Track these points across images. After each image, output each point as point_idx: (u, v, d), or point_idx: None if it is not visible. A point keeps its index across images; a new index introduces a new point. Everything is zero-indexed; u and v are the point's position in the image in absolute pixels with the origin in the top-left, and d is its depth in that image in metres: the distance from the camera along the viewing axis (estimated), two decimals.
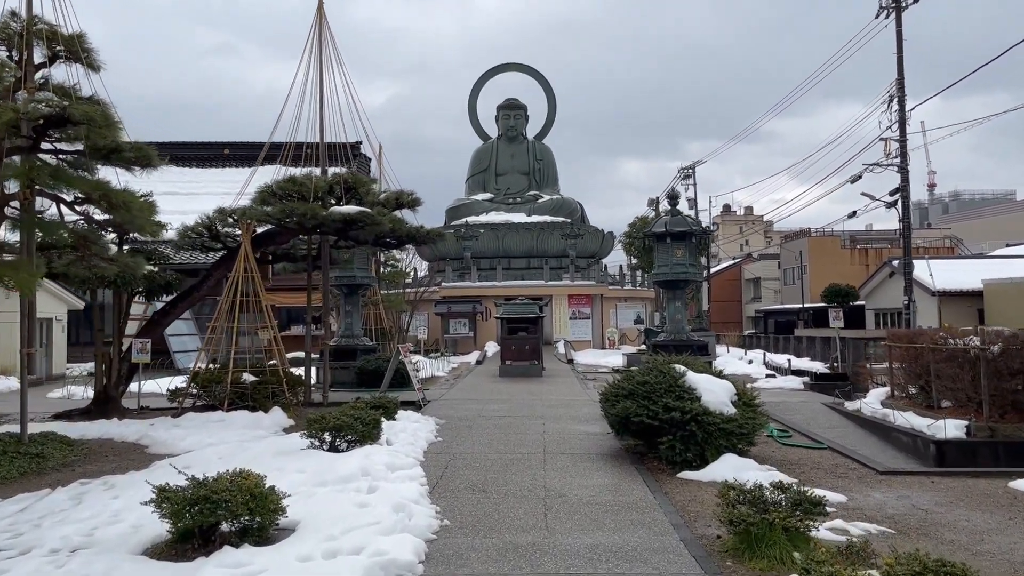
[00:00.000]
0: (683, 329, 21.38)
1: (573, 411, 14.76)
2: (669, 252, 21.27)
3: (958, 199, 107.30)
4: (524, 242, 42.51)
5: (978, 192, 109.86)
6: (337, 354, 20.64)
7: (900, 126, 30.04)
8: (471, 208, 45.92)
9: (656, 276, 21.52)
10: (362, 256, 20.89)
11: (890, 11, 30.46)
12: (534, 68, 50.58)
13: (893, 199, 30.97)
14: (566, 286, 39.69)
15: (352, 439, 10.02)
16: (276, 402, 14.21)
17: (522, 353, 23.62)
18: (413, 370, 16.20)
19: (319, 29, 17.05)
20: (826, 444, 11.39)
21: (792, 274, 62.90)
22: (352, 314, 21.21)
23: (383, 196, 16.15)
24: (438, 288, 38.61)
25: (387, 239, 16.24)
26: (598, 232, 44.66)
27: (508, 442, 11.20)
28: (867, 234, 72.41)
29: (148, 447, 11.59)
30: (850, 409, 15.20)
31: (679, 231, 21.06)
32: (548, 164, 49.32)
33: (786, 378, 20.89)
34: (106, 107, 10.43)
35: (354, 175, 15.80)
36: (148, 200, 10.85)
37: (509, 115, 49.02)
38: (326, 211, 14.59)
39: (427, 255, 44.78)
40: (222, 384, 14.00)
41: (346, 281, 20.73)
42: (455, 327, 36.79)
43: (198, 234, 15.67)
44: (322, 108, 16.80)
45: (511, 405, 15.75)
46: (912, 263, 29.59)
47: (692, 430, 9.38)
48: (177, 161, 43.26)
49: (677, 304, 21.62)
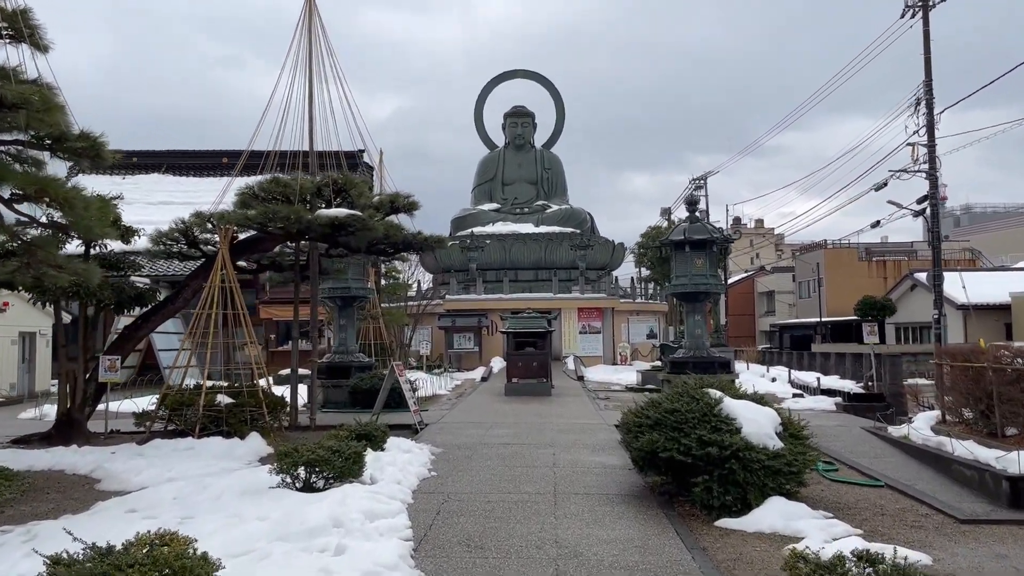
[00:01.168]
0: (703, 345, 19.83)
1: (586, 437, 13.22)
2: (688, 262, 19.75)
3: (970, 212, 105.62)
4: (532, 253, 41.02)
5: (989, 205, 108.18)
6: (330, 372, 19.17)
7: (928, 130, 28.49)
8: (477, 218, 44.48)
9: (674, 288, 19.99)
10: (358, 266, 19.46)
11: (916, 10, 29.04)
12: (541, 75, 49.32)
13: (921, 207, 29.43)
14: (576, 299, 38.15)
15: (330, 475, 8.54)
16: (254, 427, 12.74)
17: (529, 370, 22.09)
18: (409, 391, 14.70)
19: (308, 20, 15.68)
20: (883, 481, 9.80)
21: (808, 287, 61.14)
22: (346, 328, 19.74)
23: (377, 199, 14.72)
24: (442, 301, 37.14)
25: (381, 246, 14.79)
26: (608, 243, 43.14)
27: (513, 477, 9.67)
28: (883, 246, 70.79)
29: (100, 481, 10.11)
30: (895, 435, 13.60)
31: (699, 239, 19.55)
32: (556, 173, 47.90)
33: (816, 398, 19.29)
34: (47, 89, 9.01)
35: (345, 176, 14.38)
36: (97, 198, 9.41)
37: (516, 123, 47.65)
38: (312, 214, 13.15)
39: (431, 267, 43.35)
40: (194, 407, 12.53)
41: (340, 293, 19.28)
42: (459, 342, 35.28)
43: (173, 240, 14.25)
44: (311, 106, 15.41)
45: (517, 430, 14.21)
46: (942, 275, 27.96)
47: (732, 468, 7.84)
48: (175, 170, 42.07)
49: (697, 318, 20.08)
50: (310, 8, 15.63)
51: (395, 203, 14.65)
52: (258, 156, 16.46)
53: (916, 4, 28.79)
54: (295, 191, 13.76)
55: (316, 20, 15.60)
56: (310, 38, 15.57)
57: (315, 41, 15.48)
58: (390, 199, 14.64)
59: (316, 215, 13.17)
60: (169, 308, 14.38)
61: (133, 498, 8.74)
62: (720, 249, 20.13)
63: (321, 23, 15.86)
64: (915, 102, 29.16)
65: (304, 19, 15.61)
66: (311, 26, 15.60)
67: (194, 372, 19.65)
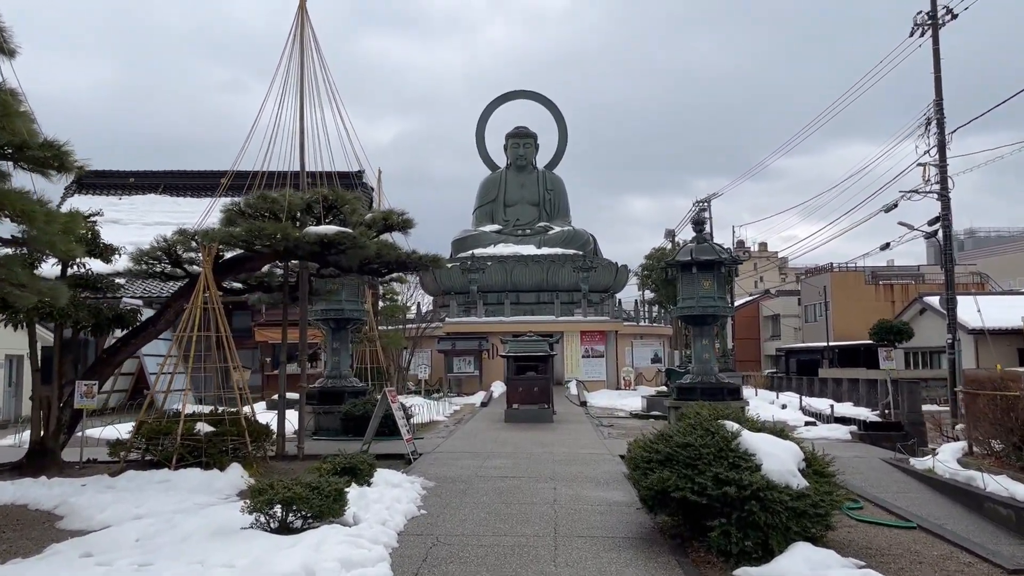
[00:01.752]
0: (712, 370, 19.01)
1: (590, 469, 12.41)
2: (695, 283, 18.99)
3: (973, 236, 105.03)
4: (534, 275, 40.28)
5: (993, 229, 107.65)
6: (322, 397, 18.39)
7: (939, 150, 27.78)
8: (478, 240, 43.78)
9: (681, 310, 19.22)
10: (352, 287, 18.74)
11: (925, 29, 28.51)
12: (543, 95, 48.82)
13: (933, 228, 28.71)
14: (578, 322, 37.37)
15: (308, 514, 7.77)
16: (236, 457, 11.95)
17: (530, 395, 21.29)
18: (402, 418, 13.92)
19: (300, 31, 15.09)
20: (915, 522, 8.99)
21: (814, 311, 60.28)
22: (340, 352, 18.97)
23: (369, 217, 14.02)
24: (441, 324, 36.37)
25: (374, 265, 14.07)
26: (612, 265, 42.41)
27: (510, 516, 8.86)
28: (889, 270, 70.00)
29: (62, 518, 9.32)
30: (919, 468, 12.77)
31: (706, 260, 18.80)
32: (559, 194, 47.27)
33: (829, 426, 18.45)
34: (9, 95, 8.34)
35: (336, 192, 13.69)
36: (65, 212, 8.71)
37: (518, 144, 47.08)
38: (300, 232, 12.45)
39: (431, 289, 42.64)
40: (171, 436, 11.76)
41: (333, 315, 18.54)
42: (459, 366, 34.45)
43: (155, 259, 13.54)
44: (302, 118, 14.78)
45: (516, 460, 13.40)
46: (956, 299, 27.15)
47: (752, 510, 7.05)
48: (173, 191, 41.49)
49: (704, 342, 19.28)
50: (302, 19, 15.05)
51: (388, 220, 13.95)
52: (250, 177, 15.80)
53: (925, 23, 28.26)
54: (283, 208, 13.08)
55: (308, 31, 15.02)
56: (301, 49, 14.97)
57: (307, 52, 14.88)
58: (383, 216, 13.94)
59: (304, 232, 12.47)
60: (150, 330, 13.65)
61: (92, 539, 7.96)
62: (728, 270, 19.38)
63: (313, 34, 15.28)
64: (925, 122, 28.54)
65: (296, 29, 15.02)
66: (302, 36, 15.01)
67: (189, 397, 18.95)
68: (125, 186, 40.84)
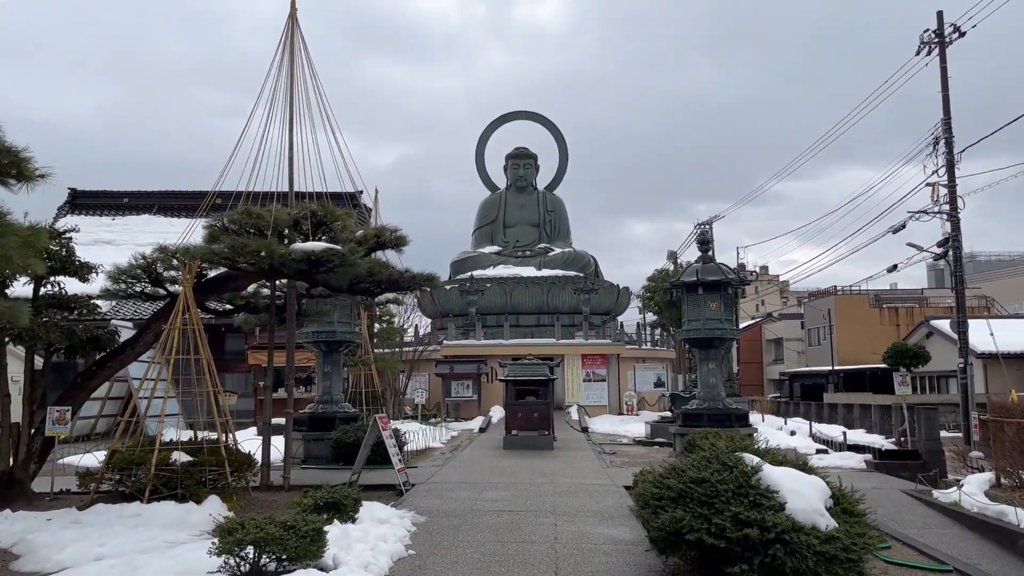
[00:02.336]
0: (719, 395, 18.26)
1: (593, 502, 11.62)
2: (701, 305, 18.30)
3: (974, 260, 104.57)
4: (534, 297, 39.57)
5: (993, 254, 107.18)
6: (312, 423, 17.62)
7: (948, 169, 27.17)
8: (477, 261, 43.12)
9: (686, 333, 18.50)
10: (344, 308, 18.02)
11: (932, 47, 28.04)
12: (544, 116, 48.40)
13: (943, 250, 28.04)
14: (579, 345, 36.60)
15: (283, 556, 7.01)
16: (214, 489, 11.18)
17: (530, 421, 20.49)
18: (394, 446, 13.14)
19: (290, 39, 14.51)
20: (951, 565, 8.21)
21: (817, 334, 59.46)
22: (331, 376, 18.22)
23: (360, 233, 13.34)
24: (439, 347, 35.60)
25: (364, 285, 13.36)
26: (613, 287, 41.70)
27: (507, 558, 8.09)
28: (892, 293, 69.19)
29: (19, 558, 8.55)
30: (944, 501, 11.99)
31: (713, 280, 18.12)
32: (559, 215, 46.66)
33: (842, 455, 17.64)
34: None
35: (325, 208, 13.02)
36: (20, 225, 8.03)
37: (519, 164, 46.56)
38: (286, 248, 11.76)
39: (429, 311, 41.93)
40: (145, 466, 10.99)
41: (324, 337, 17.81)
42: (457, 390, 33.62)
43: (134, 278, 12.84)
44: (291, 129, 14.16)
45: (514, 492, 12.62)
46: (967, 322, 26.39)
47: (777, 555, 6.29)
48: (167, 211, 40.82)
49: (711, 366, 18.54)
50: (292, 28, 14.48)
51: (380, 238, 13.27)
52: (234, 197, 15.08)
53: (932, 41, 27.80)
54: (269, 224, 12.40)
55: (298, 40, 14.44)
56: (291, 60, 14.38)
57: (297, 63, 14.29)
58: (375, 233, 13.26)
59: (290, 249, 11.79)
60: (128, 353, 12.92)
61: None
62: (735, 292, 18.68)
63: (304, 45, 14.69)
64: (933, 142, 27.99)
65: (285, 39, 14.44)
66: (292, 46, 14.42)
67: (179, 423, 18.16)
68: (119, 206, 40.28)
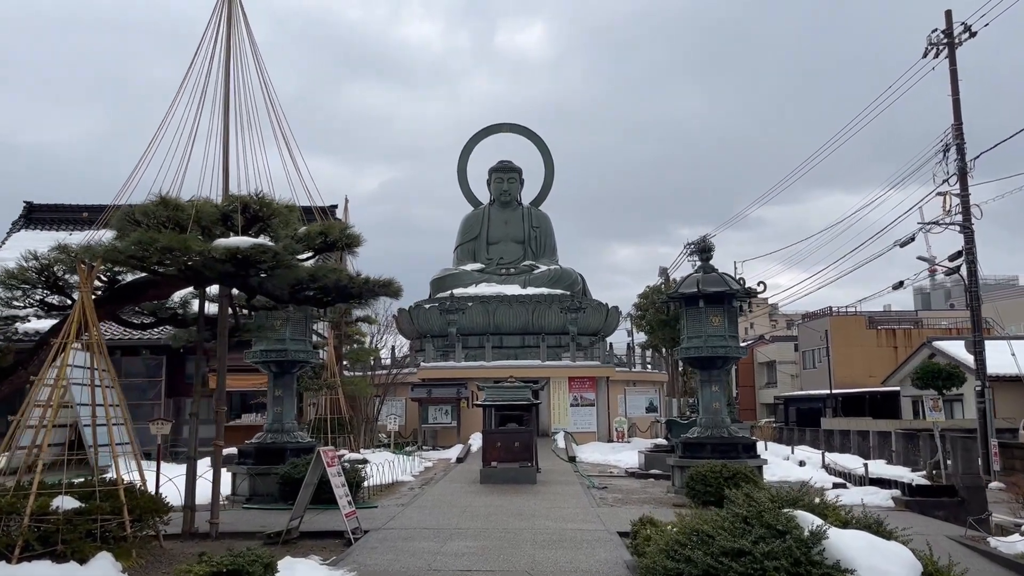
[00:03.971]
0: (723, 422, 16.16)
1: (582, 556, 9.42)
2: (701, 320, 16.25)
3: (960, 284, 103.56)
4: (518, 317, 37.39)
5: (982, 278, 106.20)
6: (259, 455, 15.36)
7: (960, 178, 25.36)
8: (459, 279, 40.94)
9: (686, 351, 16.42)
10: (299, 324, 15.83)
11: (940, 48, 26.38)
12: (529, 128, 46.46)
13: (955, 264, 26.17)
14: (566, 367, 34.37)
15: None
16: (107, 543, 8.92)
17: (511, 451, 18.24)
18: (341, 485, 10.91)
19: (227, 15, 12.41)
20: None
21: (812, 357, 57.51)
22: (283, 400, 15.96)
23: (303, 230, 11.19)
24: (416, 369, 33.33)
25: (308, 292, 11.19)
26: (602, 307, 39.58)
27: None
28: (887, 315, 67.54)
29: None
30: (1007, 553, 9.88)
31: (715, 292, 16.09)
32: (545, 232, 44.59)
33: (864, 490, 15.50)
34: None
35: (262, 200, 10.86)
36: None
37: (503, 178, 44.51)
38: (204, 244, 9.60)
39: (408, 331, 39.70)
40: (17, 516, 8.72)
41: (275, 357, 15.57)
42: (435, 415, 31.28)
43: (29, 283, 10.62)
44: (227, 116, 12.05)
45: (486, 541, 10.40)
46: (983, 342, 24.43)
47: None
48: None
49: (714, 388, 16.45)
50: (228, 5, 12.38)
51: (327, 236, 11.13)
52: None
53: (941, 42, 26.15)
54: (190, 216, 10.25)
55: (237, 10, 12.35)
56: (228, 40, 12.29)
57: (236, 34, 12.20)
58: (320, 230, 11.10)
59: (212, 246, 9.63)
60: (20, 374, 10.66)
61: None
62: (740, 305, 16.64)
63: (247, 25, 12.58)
64: (943, 148, 26.22)
65: (220, 12, 12.34)
66: (230, 22, 12.33)
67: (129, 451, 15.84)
68: (78, 220, 37.91)
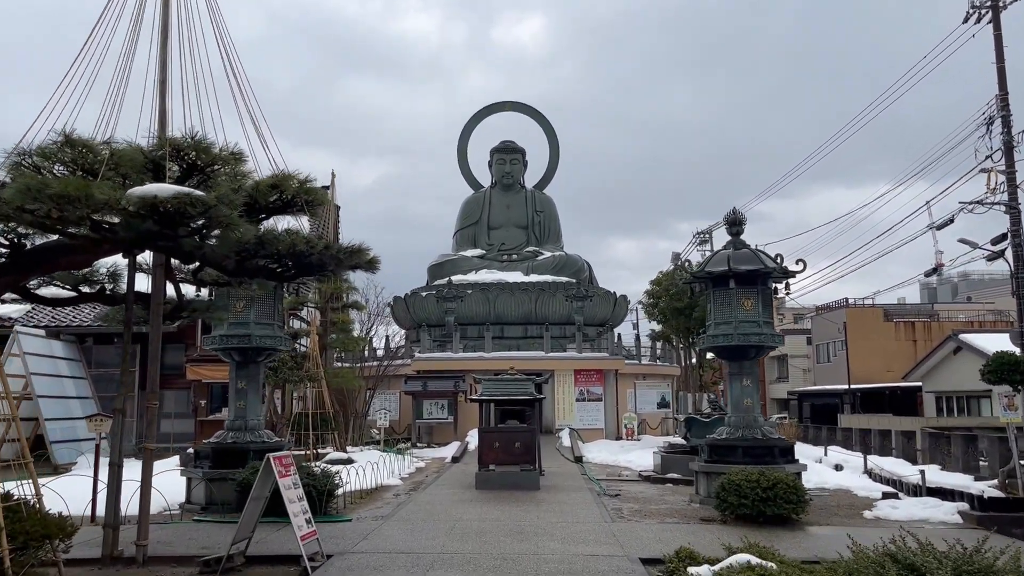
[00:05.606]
0: (755, 421, 14.00)
1: None
2: (732, 303, 14.06)
3: (967, 279, 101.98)
4: (521, 305, 35.21)
5: (987, 273, 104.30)
6: (217, 457, 13.22)
7: (1006, 152, 23.05)
8: (457, 265, 38.75)
9: (712, 340, 14.23)
10: (266, 305, 13.65)
11: (983, 12, 24.12)
12: (533, 107, 44.21)
13: (1000, 247, 23.94)
14: (572, 359, 32.15)
15: None
16: None
17: (510, 453, 16.09)
18: (297, 499, 8.76)
19: None
20: None
21: (827, 350, 55.31)
22: (247, 394, 13.80)
23: (250, 184, 8.99)
24: (410, 360, 31.15)
25: (260, 261, 9.01)
26: (609, 295, 37.38)
27: None
28: (902, 308, 65.25)
29: None
30: None
31: (748, 271, 13.89)
32: (550, 216, 42.36)
33: (920, 501, 13.30)
34: None
35: (199, 144, 8.67)
36: None
37: (504, 159, 42.21)
38: (112, 192, 7.42)
39: (403, 320, 37.55)
40: None
41: (236, 343, 13.41)
42: (430, 410, 29.09)
43: None
44: (165, 41, 9.86)
45: (477, 572, 8.24)
46: None
47: None
48: None
49: (745, 383, 14.27)
50: None
51: (282, 190, 8.93)
52: None
53: (984, 4, 23.89)
54: (101, 160, 8.07)
55: None
56: None
57: None
58: (271, 183, 8.89)
59: (124, 195, 7.45)
60: None
61: None
62: (776, 286, 14.46)
63: None
64: (987, 121, 23.98)
65: None
66: None
67: None
68: None
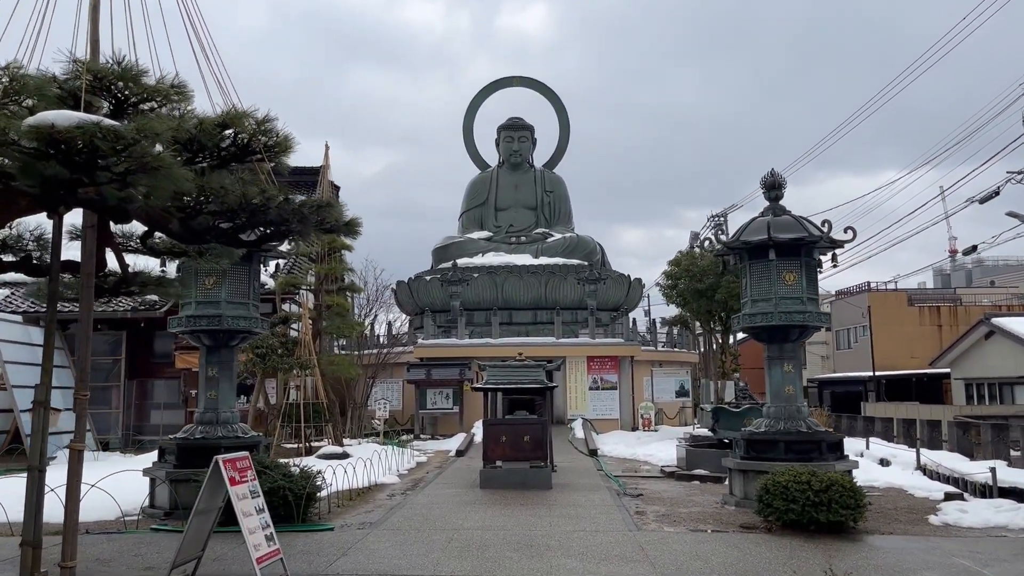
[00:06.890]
0: (799, 412, 12.26)
1: None
2: (771, 277, 12.28)
3: (981, 265, 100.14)
4: (530, 289, 33.46)
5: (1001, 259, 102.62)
6: (184, 455, 11.57)
7: None
8: (463, 247, 37.00)
9: (750, 319, 12.45)
10: (239, 283, 11.96)
11: None
12: (542, 83, 42.26)
13: None
14: (585, 345, 30.36)
15: None
16: None
17: (519, 448, 14.36)
18: (254, 512, 7.09)
19: None
20: None
21: (848, 336, 53.42)
22: (218, 383, 12.13)
23: (194, 121, 7.24)
24: (413, 347, 29.46)
25: (209, 219, 7.29)
26: (623, 278, 35.58)
27: None
28: (924, 292, 63.18)
29: None
30: None
31: (790, 240, 12.10)
32: (560, 197, 40.49)
33: (993, 504, 11.52)
34: None
35: (124, 71, 6.92)
36: None
37: (512, 137, 40.29)
38: (3, 123, 5.69)
39: (407, 305, 35.87)
40: None
41: (206, 325, 11.73)
42: (435, 400, 27.41)
43: None
44: None
45: None
46: None
47: None
48: None
49: (787, 368, 12.50)
50: None
51: (237, 132, 7.19)
52: None
53: None
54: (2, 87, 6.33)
55: None
56: None
57: None
58: (218, 121, 7.15)
59: (14, 124, 5.73)
60: None
61: None
62: (821, 259, 12.66)
63: None
64: None
65: None
66: None
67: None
68: None
